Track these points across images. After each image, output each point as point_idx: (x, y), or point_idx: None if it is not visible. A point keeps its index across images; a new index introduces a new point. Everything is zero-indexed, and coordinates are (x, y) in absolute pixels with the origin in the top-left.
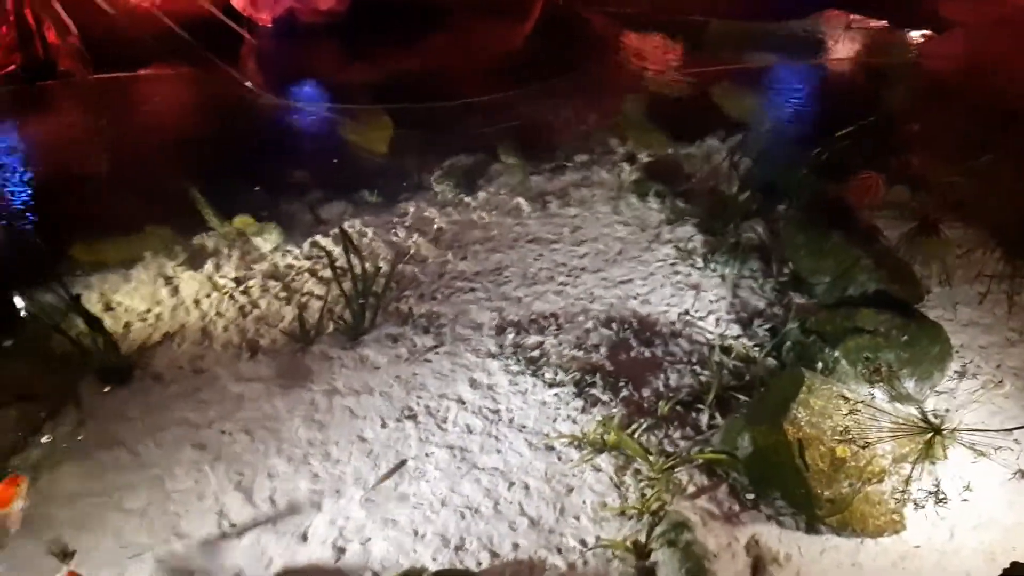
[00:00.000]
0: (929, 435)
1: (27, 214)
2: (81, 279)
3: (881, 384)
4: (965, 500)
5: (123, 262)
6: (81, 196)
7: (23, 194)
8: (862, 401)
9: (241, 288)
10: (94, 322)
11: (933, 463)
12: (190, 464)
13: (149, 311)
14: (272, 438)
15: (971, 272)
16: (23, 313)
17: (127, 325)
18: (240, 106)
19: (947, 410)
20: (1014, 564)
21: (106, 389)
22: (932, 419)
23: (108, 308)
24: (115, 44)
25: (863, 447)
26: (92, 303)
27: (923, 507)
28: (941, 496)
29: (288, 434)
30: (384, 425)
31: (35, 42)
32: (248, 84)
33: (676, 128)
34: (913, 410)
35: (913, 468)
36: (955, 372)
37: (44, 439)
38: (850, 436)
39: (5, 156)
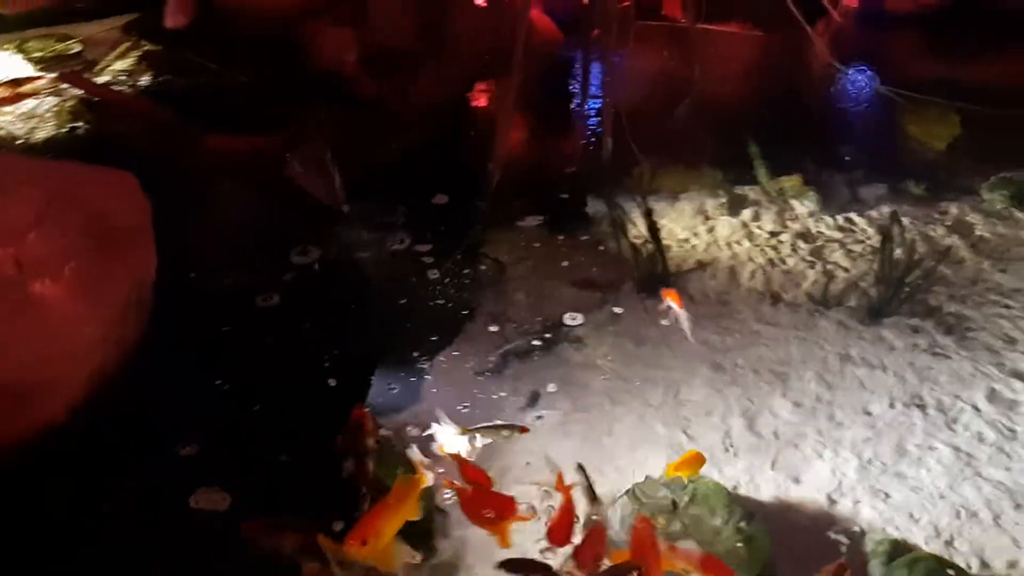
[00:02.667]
0: None
1: (618, 133)
2: (638, 198)
3: None
4: None
5: (674, 192)
6: (659, 126)
7: (619, 116)
8: None
9: (772, 242)
10: (654, 235)
11: None
12: (705, 380)
13: (687, 240)
14: (781, 381)
15: None
16: (592, 213)
17: (667, 247)
18: (808, 74)
19: None
20: None
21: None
22: None
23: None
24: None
25: None
26: (641, 220)
27: None
28: None
29: (797, 383)
30: (892, 405)
31: None
32: (830, 59)
33: None
34: None
35: None
36: None
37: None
38: None
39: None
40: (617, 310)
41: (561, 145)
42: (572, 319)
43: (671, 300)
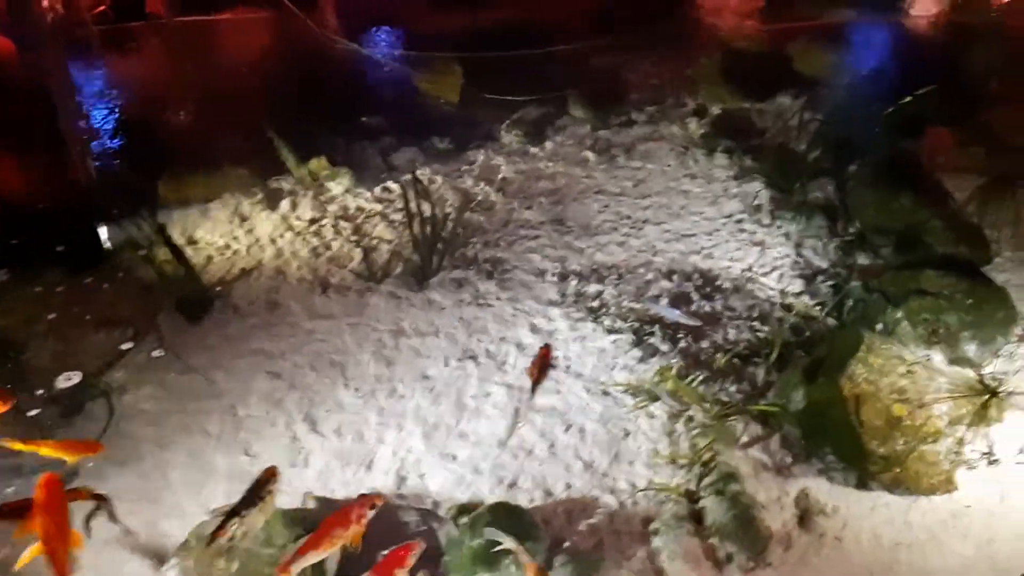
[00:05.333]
0: (985, 397)
1: (116, 150)
2: (165, 214)
3: (940, 346)
4: (1019, 463)
5: (204, 200)
6: (166, 135)
7: (112, 131)
8: (919, 362)
9: (314, 229)
10: (178, 254)
11: (988, 425)
12: (263, 393)
13: (228, 247)
14: (341, 372)
15: None
16: (109, 244)
17: (208, 259)
18: (317, 51)
19: (1006, 373)
20: None
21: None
22: (990, 382)
23: (190, 242)
24: None
25: (919, 407)
26: (175, 237)
27: (975, 468)
28: (994, 458)
29: (356, 369)
30: (447, 364)
31: None
32: (324, 30)
33: (749, 83)
34: (971, 373)
35: (968, 429)
36: (1018, 336)
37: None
38: (906, 396)
39: (95, 94)
40: (154, 341)
41: (53, 175)
42: (67, 380)
43: None
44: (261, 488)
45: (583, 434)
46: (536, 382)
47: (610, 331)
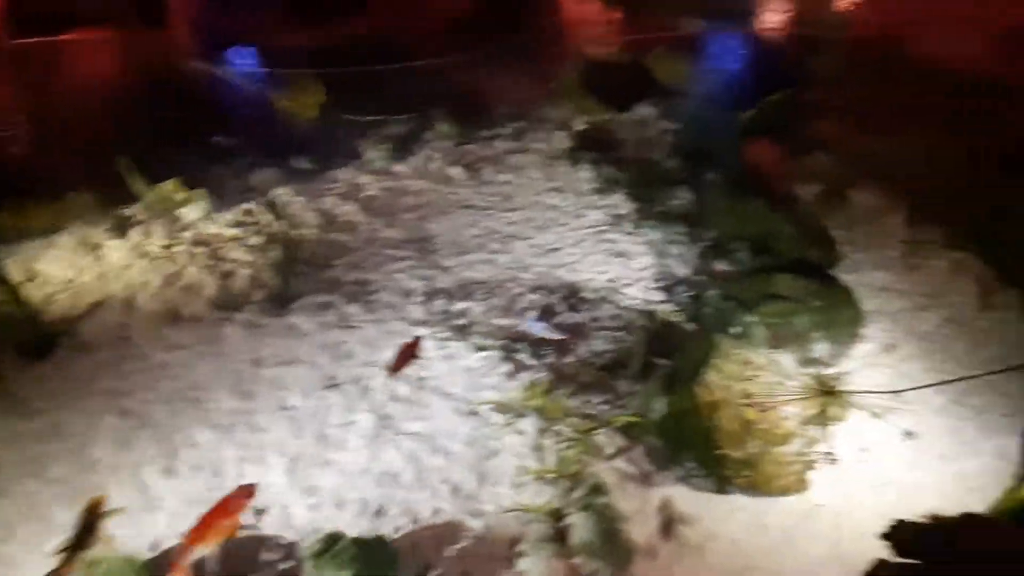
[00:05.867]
0: (825, 398)
1: None
2: (5, 247)
3: (791, 348)
4: (863, 461)
5: (47, 230)
6: (4, 163)
7: None
8: (770, 366)
9: (167, 256)
10: (14, 291)
11: (830, 426)
12: (113, 433)
13: (73, 280)
14: (197, 407)
15: (887, 238)
16: None
17: (51, 295)
18: (167, 71)
19: (847, 373)
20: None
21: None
22: (836, 382)
23: (32, 277)
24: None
25: (767, 410)
26: (15, 272)
27: (821, 468)
28: (834, 457)
29: (213, 403)
30: (309, 393)
31: None
32: (175, 49)
33: (610, 95)
34: (819, 373)
35: (818, 430)
36: (865, 336)
37: None
38: (756, 400)
39: None
40: None
41: None
42: None
43: None
44: (91, 517)
45: (450, 456)
46: (397, 368)
47: (478, 349)
